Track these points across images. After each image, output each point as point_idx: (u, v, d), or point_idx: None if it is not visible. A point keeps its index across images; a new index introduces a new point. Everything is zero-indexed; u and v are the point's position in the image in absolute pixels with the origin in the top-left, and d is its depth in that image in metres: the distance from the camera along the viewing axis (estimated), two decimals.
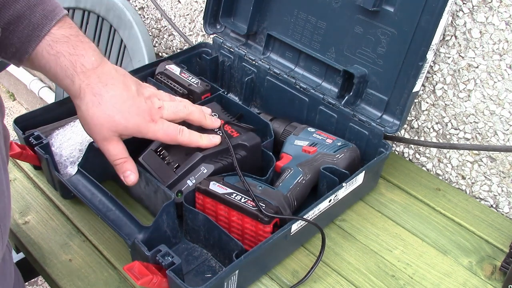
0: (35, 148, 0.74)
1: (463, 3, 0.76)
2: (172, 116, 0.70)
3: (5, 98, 2.48)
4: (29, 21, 0.60)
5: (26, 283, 1.63)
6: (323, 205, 0.70)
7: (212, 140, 0.74)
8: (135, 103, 0.66)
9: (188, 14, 1.25)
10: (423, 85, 0.86)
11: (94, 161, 0.76)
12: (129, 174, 0.68)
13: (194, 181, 0.72)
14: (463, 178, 0.87)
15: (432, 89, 0.85)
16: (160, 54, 1.43)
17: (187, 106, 0.74)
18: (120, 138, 0.67)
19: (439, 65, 0.83)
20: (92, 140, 0.75)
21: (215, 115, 0.82)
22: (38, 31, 0.60)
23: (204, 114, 0.76)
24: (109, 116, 0.64)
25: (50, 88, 2.12)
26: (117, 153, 0.67)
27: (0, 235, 0.50)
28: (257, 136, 0.78)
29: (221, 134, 0.75)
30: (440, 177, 0.90)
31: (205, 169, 0.73)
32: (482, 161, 0.84)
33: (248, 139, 0.76)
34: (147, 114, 0.67)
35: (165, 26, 1.35)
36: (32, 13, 0.60)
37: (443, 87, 0.84)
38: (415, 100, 0.88)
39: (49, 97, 2.06)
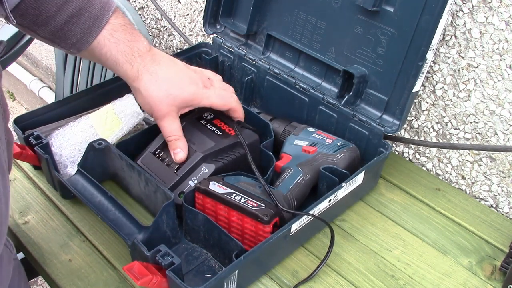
0: (35, 148, 0.74)
1: (463, 3, 0.76)
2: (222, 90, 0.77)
3: (5, 98, 2.48)
4: (89, 13, 0.66)
5: None
6: (323, 205, 0.70)
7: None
8: (186, 74, 0.72)
9: (188, 14, 1.25)
10: (423, 85, 0.86)
11: (94, 161, 0.76)
12: (179, 151, 0.72)
13: (195, 182, 0.72)
14: (463, 178, 0.87)
15: (432, 89, 0.85)
16: None
17: (233, 92, 0.79)
18: (177, 115, 0.72)
19: (439, 65, 0.83)
20: (92, 140, 0.75)
21: (210, 114, 0.82)
22: (98, 21, 0.66)
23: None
24: (166, 90, 0.70)
25: (50, 88, 2.12)
26: (171, 130, 0.72)
27: None
28: (255, 134, 0.78)
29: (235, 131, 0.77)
30: (440, 177, 0.90)
31: (206, 169, 0.73)
32: (482, 161, 0.84)
33: (246, 137, 0.76)
34: (200, 81, 0.73)
35: (165, 26, 1.35)
36: (91, 5, 0.66)
37: (443, 87, 0.84)
38: (415, 100, 0.88)
39: (49, 97, 2.06)
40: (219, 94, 0.74)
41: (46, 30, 0.66)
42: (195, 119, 0.80)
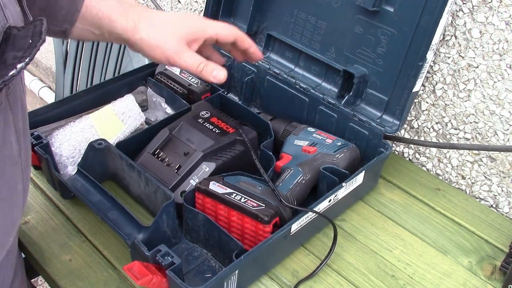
0: (35, 148, 0.74)
1: (463, 3, 0.76)
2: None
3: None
4: None
5: None
6: (323, 205, 0.70)
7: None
8: (183, 14, 0.71)
9: None
10: (423, 85, 0.86)
11: (94, 161, 0.76)
12: (217, 72, 0.67)
13: (197, 181, 0.72)
14: (463, 178, 0.87)
15: (432, 89, 0.85)
16: None
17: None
18: (189, 48, 0.68)
19: (439, 65, 0.83)
20: (92, 140, 0.75)
21: (207, 113, 0.82)
22: None
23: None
24: (168, 28, 0.67)
25: (50, 88, 2.12)
26: (195, 60, 0.67)
27: None
28: (253, 130, 0.78)
29: (238, 129, 0.77)
30: (440, 177, 0.90)
31: (207, 167, 0.73)
32: (482, 161, 0.84)
33: (245, 134, 0.76)
34: (198, 15, 0.71)
35: None
36: None
37: (443, 87, 0.84)
38: (415, 100, 0.88)
39: (49, 97, 2.06)
40: (222, 24, 0.71)
41: (35, 8, 0.64)
42: (192, 118, 0.80)
